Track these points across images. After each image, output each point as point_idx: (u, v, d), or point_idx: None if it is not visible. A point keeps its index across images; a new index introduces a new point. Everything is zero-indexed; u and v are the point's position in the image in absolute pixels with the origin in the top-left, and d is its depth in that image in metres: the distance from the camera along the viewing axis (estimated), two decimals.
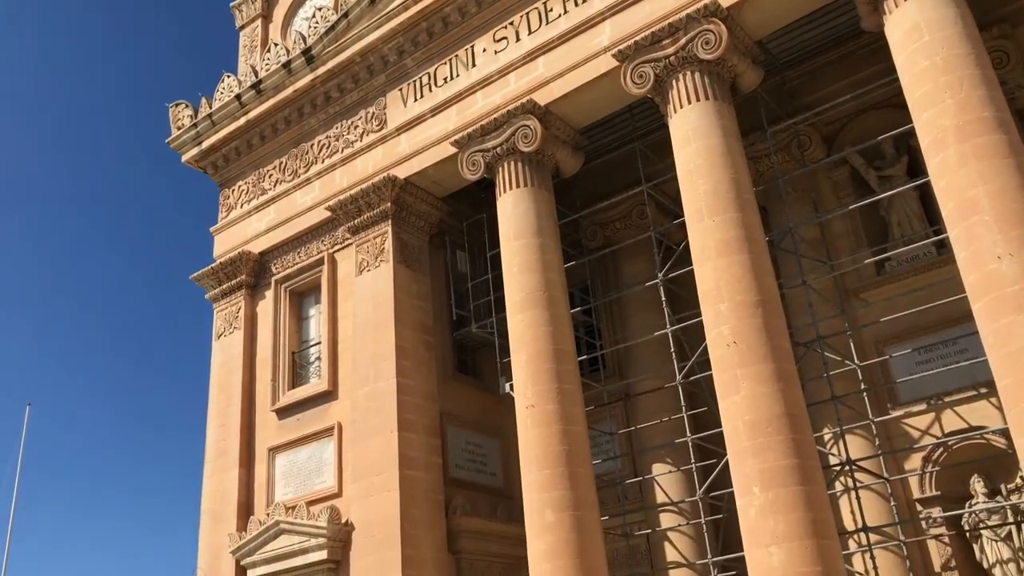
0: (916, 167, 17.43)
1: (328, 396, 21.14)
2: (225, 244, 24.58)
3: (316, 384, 21.64)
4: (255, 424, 22.44)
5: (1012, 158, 13.15)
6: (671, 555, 19.23)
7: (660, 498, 19.55)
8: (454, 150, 19.92)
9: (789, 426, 14.16)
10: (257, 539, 20.44)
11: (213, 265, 24.22)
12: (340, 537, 19.21)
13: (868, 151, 18.53)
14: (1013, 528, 15.71)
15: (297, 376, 22.41)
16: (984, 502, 16.04)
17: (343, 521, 19.34)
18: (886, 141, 17.95)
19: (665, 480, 19.61)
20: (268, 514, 20.67)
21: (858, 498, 16.59)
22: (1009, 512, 15.83)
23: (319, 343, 22.09)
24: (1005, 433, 14.73)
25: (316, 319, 22.68)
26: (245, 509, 21.62)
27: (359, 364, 20.24)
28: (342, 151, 22.46)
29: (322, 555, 19.25)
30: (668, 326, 18.49)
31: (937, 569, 16.57)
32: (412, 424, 19.36)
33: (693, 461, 17.86)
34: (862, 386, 17.41)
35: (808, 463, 14.09)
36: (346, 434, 20.23)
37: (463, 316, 21.75)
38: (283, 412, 21.96)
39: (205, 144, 25.14)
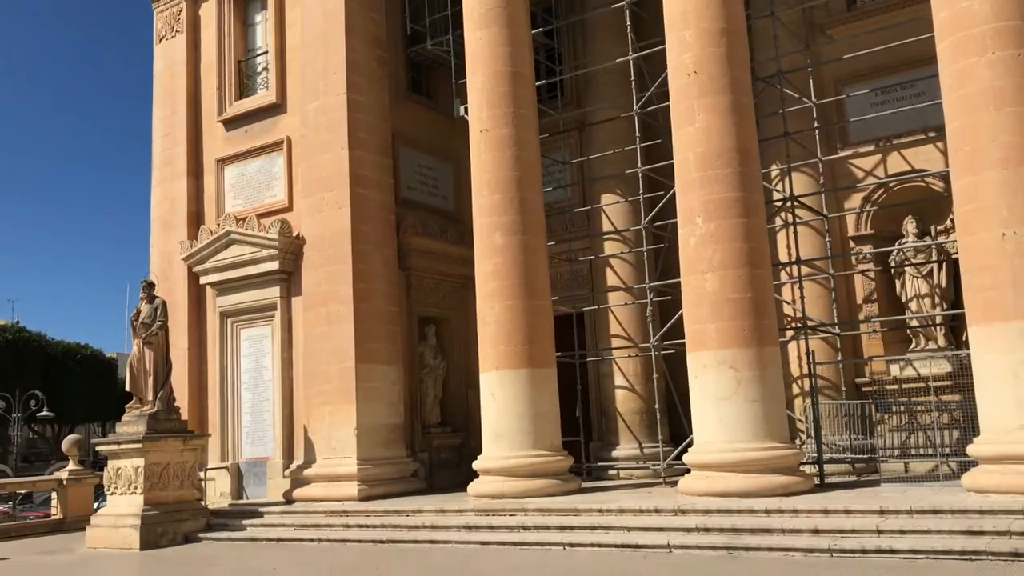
0: None
1: (277, 109, 20.71)
2: None
3: (264, 96, 21.08)
4: (203, 134, 22.08)
5: None
6: (611, 280, 20.07)
7: (606, 226, 20.06)
8: None
9: (739, 160, 14.28)
10: (208, 248, 20.76)
11: None
12: (291, 250, 19.58)
13: None
14: (935, 267, 16.61)
15: (244, 87, 21.75)
16: (913, 241, 16.82)
17: (294, 235, 19.63)
18: None
19: (612, 210, 20.01)
20: (219, 224, 20.86)
21: (795, 233, 17.20)
22: (934, 251, 16.66)
23: (266, 52, 21.23)
24: (944, 177, 15.12)
25: (263, 26, 21.63)
26: (195, 218, 21.79)
27: (308, 77, 19.58)
28: None
29: (273, 266, 19.72)
30: (631, 53, 18.05)
31: (859, 301, 17.68)
32: (364, 142, 19.12)
33: (642, 192, 18.16)
34: (815, 124, 17.49)
35: (752, 197, 14.39)
36: (296, 149, 20.03)
37: (418, 32, 20.87)
38: (231, 123, 21.55)
39: None
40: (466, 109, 18.01)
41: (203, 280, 21.13)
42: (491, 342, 16.43)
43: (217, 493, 20.00)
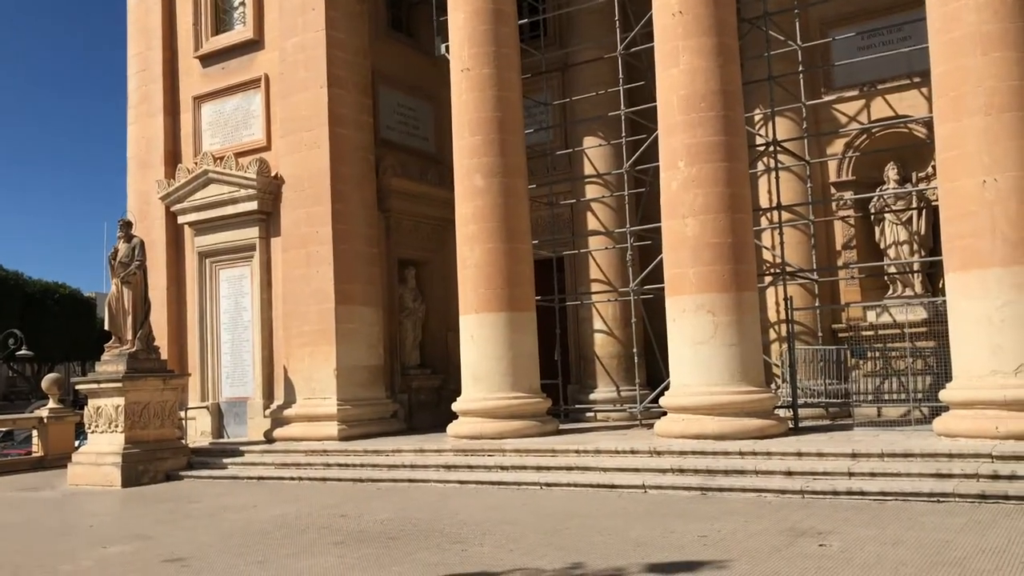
0: None
1: (254, 45, 20.29)
2: None
3: (241, 31, 20.63)
4: (178, 71, 21.64)
5: None
6: (592, 224, 20.04)
7: (588, 170, 19.94)
8: None
9: (722, 103, 14.15)
10: (186, 187, 20.50)
11: None
12: (270, 190, 19.37)
13: None
14: (915, 213, 16.67)
15: (221, 22, 21.26)
16: (894, 188, 16.83)
17: (273, 174, 19.40)
18: None
19: (594, 153, 19.88)
20: (196, 163, 20.56)
21: (777, 178, 17.17)
22: (915, 198, 16.70)
23: None
24: (928, 123, 15.07)
25: None
26: (172, 157, 21.47)
27: (286, 12, 19.16)
28: None
29: (252, 205, 19.52)
30: None
31: (838, 248, 17.76)
32: (342, 81, 18.81)
33: (624, 135, 18.02)
34: (800, 68, 17.34)
35: (735, 140, 14.30)
36: (274, 87, 19.68)
37: None
38: (207, 60, 21.12)
39: None
40: (447, 48, 17.72)
41: (181, 220, 20.91)
42: (471, 285, 16.41)
43: (198, 432, 20.08)
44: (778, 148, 17.19)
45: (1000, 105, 11.60)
